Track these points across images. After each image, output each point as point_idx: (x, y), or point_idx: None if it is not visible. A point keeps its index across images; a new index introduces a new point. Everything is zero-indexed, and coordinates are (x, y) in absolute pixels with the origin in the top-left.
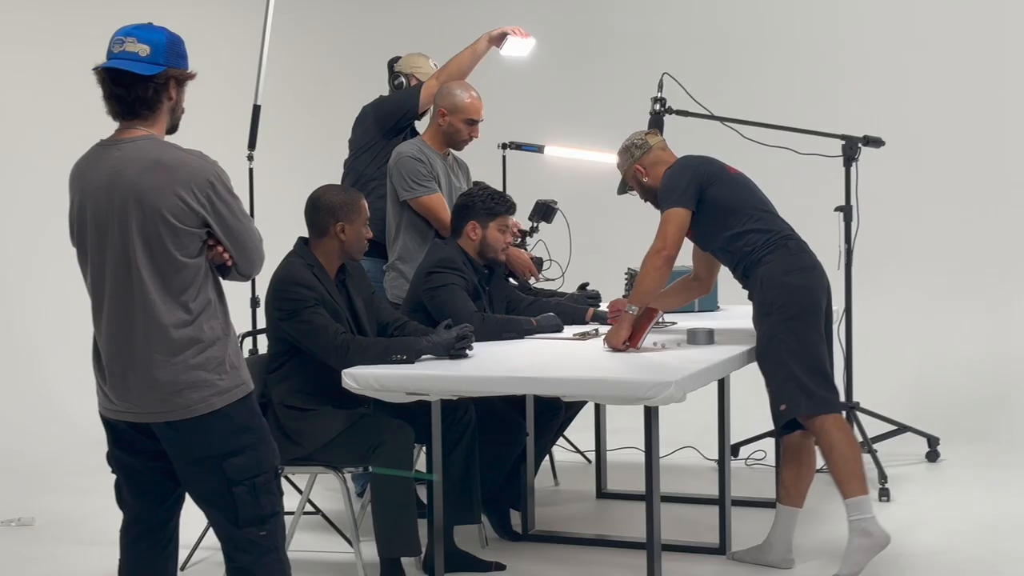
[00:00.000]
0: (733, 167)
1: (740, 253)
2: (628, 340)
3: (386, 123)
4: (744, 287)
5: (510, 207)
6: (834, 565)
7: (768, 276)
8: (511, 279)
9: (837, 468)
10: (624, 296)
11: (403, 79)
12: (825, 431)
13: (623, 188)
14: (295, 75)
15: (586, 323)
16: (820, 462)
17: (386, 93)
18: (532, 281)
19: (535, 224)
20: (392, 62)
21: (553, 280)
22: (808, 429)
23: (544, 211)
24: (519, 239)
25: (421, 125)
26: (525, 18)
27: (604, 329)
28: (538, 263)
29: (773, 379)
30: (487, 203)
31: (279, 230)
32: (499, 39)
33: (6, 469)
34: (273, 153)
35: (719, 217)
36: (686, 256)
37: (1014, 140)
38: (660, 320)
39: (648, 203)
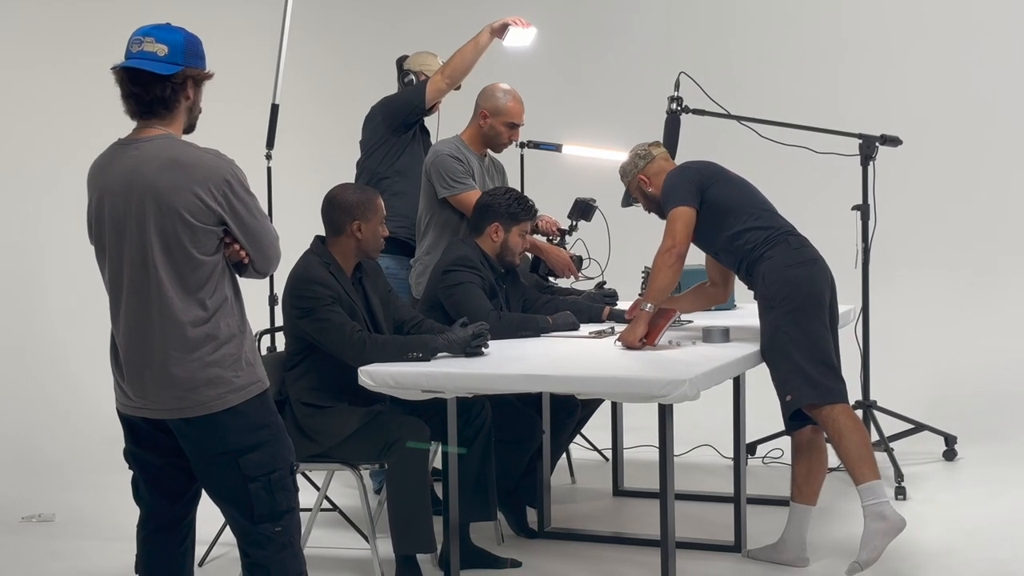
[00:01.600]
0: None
1: (741, 252)
2: (644, 338)
3: (394, 120)
4: (748, 286)
5: (534, 213)
6: (848, 563)
7: (769, 271)
8: (549, 277)
9: (848, 455)
10: (640, 295)
11: (412, 77)
12: (833, 419)
13: (627, 200)
14: (313, 74)
15: (603, 321)
16: (833, 461)
17: (394, 92)
18: (572, 280)
19: (574, 223)
20: (400, 60)
21: (592, 279)
22: (816, 420)
23: (583, 209)
24: (557, 238)
25: (430, 121)
26: (541, 15)
27: (620, 327)
28: (577, 262)
29: (778, 371)
30: (512, 207)
31: (297, 228)
32: (501, 30)
33: (27, 465)
34: (291, 152)
35: (719, 217)
36: (697, 255)
37: None
38: (678, 319)
39: (653, 214)
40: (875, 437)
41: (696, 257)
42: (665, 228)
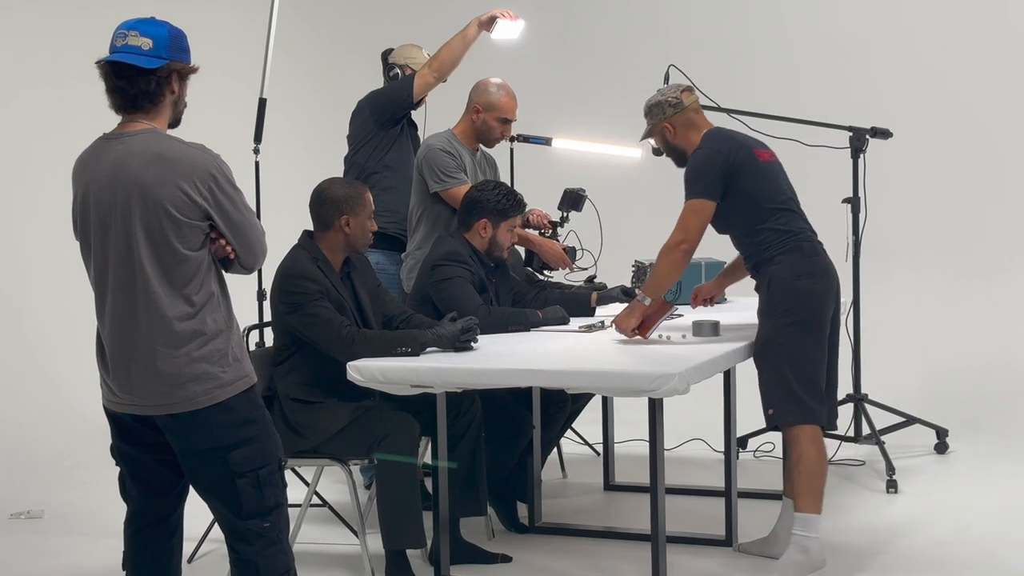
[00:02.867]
0: (767, 152)
1: (753, 248)
2: (638, 329)
3: (382, 115)
4: (753, 277)
5: (522, 208)
6: (839, 556)
7: (777, 277)
8: (544, 271)
9: (799, 480)
10: (634, 286)
11: (398, 70)
12: (799, 441)
13: (647, 135)
14: (301, 68)
15: (592, 307)
16: (828, 454)
17: (381, 86)
18: (567, 272)
19: (565, 214)
20: (385, 54)
21: (587, 269)
22: (786, 434)
23: (573, 200)
24: (550, 231)
25: (417, 115)
26: (529, 7)
27: (610, 319)
28: (571, 253)
29: (765, 381)
30: (500, 203)
31: (284, 223)
32: (489, 23)
33: (15, 462)
34: (279, 147)
35: (739, 210)
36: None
37: None
38: (673, 314)
39: (668, 157)
40: (866, 430)
41: (709, 250)
42: (679, 218)
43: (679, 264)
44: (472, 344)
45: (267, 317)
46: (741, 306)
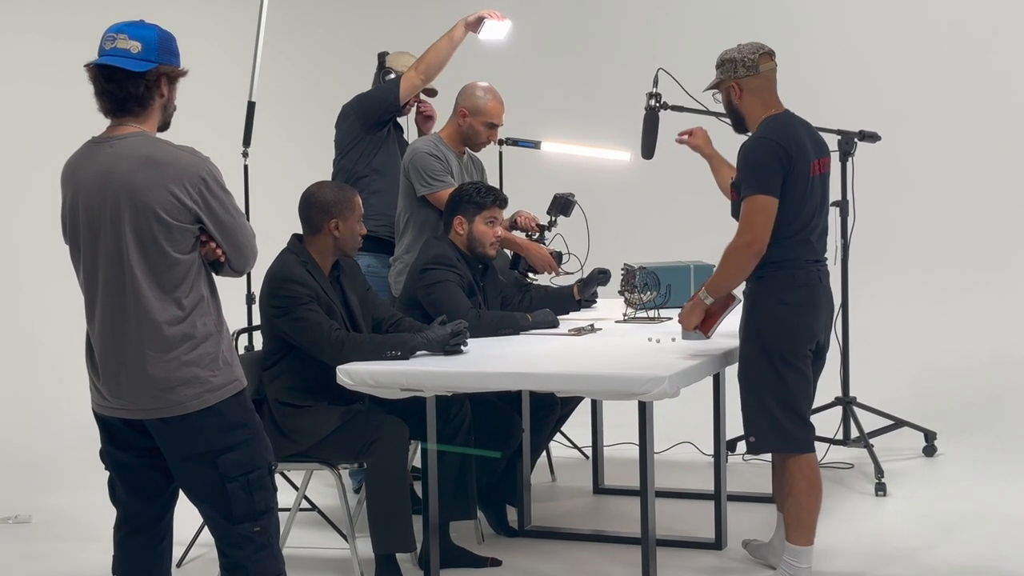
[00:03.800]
0: (821, 161)
1: None
2: (700, 326)
3: (369, 119)
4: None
5: (497, 200)
6: (828, 560)
7: (760, 298)
8: (529, 274)
9: (790, 512)
10: (620, 291)
11: (394, 75)
12: (791, 474)
13: (714, 88)
14: (290, 71)
15: (576, 300)
16: (820, 455)
17: (366, 90)
18: (552, 276)
19: (553, 218)
20: (382, 56)
21: (573, 273)
22: (780, 463)
23: (562, 205)
24: (537, 234)
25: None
26: (517, 8)
27: (600, 323)
28: (557, 257)
29: (747, 406)
30: (473, 197)
31: (274, 227)
32: (476, 24)
33: (2, 467)
34: (268, 150)
35: None
36: (699, 249)
37: (1012, 134)
38: (734, 306)
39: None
40: (855, 433)
41: (698, 253)
42: (743, 216)
43: (747, 266)
44: (462, 348)
45: (256, 321)
46: (733, 309)
